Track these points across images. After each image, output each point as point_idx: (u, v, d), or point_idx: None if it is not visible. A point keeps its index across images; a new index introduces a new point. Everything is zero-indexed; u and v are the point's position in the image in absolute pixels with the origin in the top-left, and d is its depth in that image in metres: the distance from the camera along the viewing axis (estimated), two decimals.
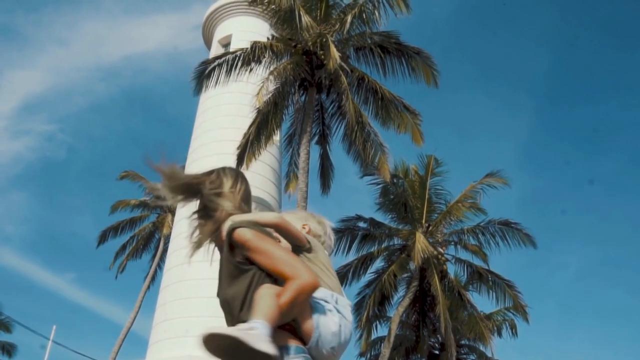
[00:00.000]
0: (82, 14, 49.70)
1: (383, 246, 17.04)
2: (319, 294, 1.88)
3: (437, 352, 18.32)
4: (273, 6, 13.21)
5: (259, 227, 1.84)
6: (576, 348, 45.32)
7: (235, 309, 1.79)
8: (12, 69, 50.21)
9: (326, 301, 1.91)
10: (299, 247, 2.04)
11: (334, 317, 1.89)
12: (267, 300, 1.70)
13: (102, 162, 56.30)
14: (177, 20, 48.18)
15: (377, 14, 13.07)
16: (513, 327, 18.21)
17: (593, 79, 51.96)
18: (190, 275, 14.51)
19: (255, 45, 13.38)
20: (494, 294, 16.60)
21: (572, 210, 52.26)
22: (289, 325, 1.79)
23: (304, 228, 2.20)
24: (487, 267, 16.52)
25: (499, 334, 18.26)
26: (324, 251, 2.16)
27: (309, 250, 2.06)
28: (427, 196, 16.51)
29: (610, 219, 50.19)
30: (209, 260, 2.00)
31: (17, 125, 50.32)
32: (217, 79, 13.76)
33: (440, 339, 17.94)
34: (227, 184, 1.96)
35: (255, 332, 1.60)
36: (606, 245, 48.77)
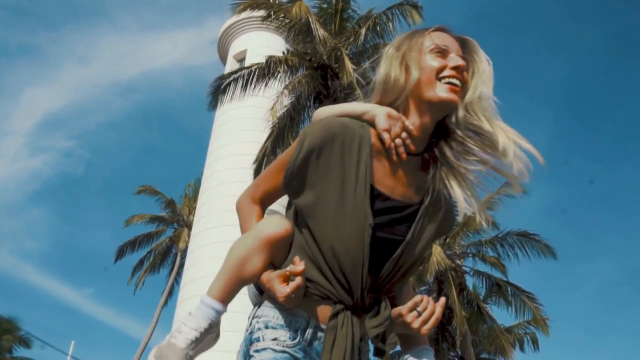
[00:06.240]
0: (101, 32, 50.68)
1: None
2: None
3: None
4: (287, 21, 13.30)
5: None
6: None
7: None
8: (32, 87, 51.32)
9: None
10: None
11: None
12: None
13: (120, 178, 57.06)
14: (194, 36, 48.92)
15: (390, 25, 13.10)
16: (535, 341, 17.86)
17: (612, 87, 51.42)
18: (207, 290, 14.49)
19: (270, 59, 13.45)
20: (513, 306, 16.35)
21: (595, 220, 51.47)
22: None
23: None
24: (506, 279, 16.30)
25: (521, 348, 17.90)
26: None
27: None
28: None
29: (637, 229, 49.28)
30: None
31: (36, 142, 51.29)
32: (233, 94, 13.82)
33: (459, 352, 17.66)
34: None
35: None
36: (634, 256, 47.71)
